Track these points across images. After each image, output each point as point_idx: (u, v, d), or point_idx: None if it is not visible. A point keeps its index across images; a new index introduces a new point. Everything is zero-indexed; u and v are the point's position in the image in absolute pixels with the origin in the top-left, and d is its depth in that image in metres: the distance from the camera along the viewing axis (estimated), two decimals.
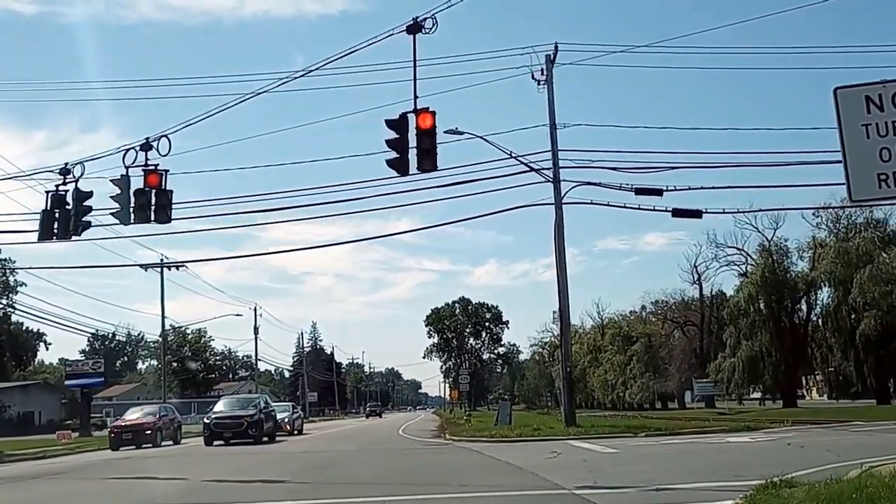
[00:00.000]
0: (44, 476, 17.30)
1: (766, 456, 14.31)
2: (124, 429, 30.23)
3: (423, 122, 13.80)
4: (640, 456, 15.92)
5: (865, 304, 47.35)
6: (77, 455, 27.25)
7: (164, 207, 16.96)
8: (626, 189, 24.61)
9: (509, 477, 13.02)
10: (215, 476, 15.03)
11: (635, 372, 74.09)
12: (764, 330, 54.51)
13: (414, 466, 16.25)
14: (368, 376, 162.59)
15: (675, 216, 24.89)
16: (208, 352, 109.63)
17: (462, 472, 14.53)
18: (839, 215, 52.19)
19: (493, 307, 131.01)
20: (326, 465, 16.99)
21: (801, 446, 15.32)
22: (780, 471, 10.56)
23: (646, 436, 22.13)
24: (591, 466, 13.36)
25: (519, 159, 24.51)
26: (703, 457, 14.90)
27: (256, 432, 29.21)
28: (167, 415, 33.15)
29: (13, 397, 68.69)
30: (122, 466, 19.08)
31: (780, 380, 55.40)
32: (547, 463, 14.72)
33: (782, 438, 18.14)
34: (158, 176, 16.76)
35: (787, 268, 55.90)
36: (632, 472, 12.34)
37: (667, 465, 13.54)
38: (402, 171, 14.37)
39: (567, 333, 27.91)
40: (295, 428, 38.51)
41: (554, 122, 25.79)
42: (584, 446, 18.74)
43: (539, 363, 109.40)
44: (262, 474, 14.95)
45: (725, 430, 22.62)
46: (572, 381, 29.29)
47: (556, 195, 25.63)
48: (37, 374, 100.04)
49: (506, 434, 24.95)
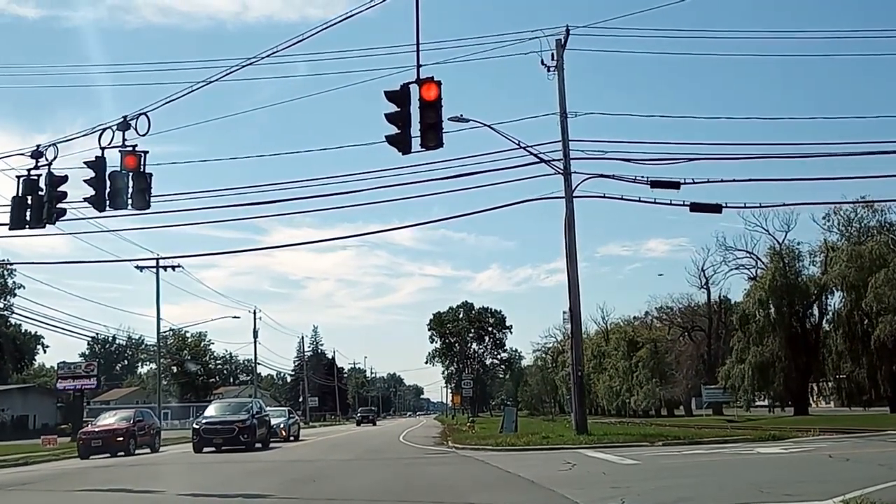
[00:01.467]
0: (6, 487, 15.79)
1: (810, 471, 12.80)
2: (94, 435, 27.84)
3: (428, 94, 12.31)
4: (664, 468, 14.42)
5: (880, 310, 45.96)
6: (56, 462, 25.73)
7: (142, 192, 15.53)
8: (641, 182, 23.17)
9: (522, 493, 11.56)
10: (194, 489, 13.57)
11: (641, 378, 72.66)
12: (774, 335, 53.15)
13: (414, 479, 14.74)
14: (370, 381, 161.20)
15: (693, 210, 23.39)
16: (208, 355, 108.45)
17: (468, 486, 13.03)
18: (851, 218, 51.04)
19: (497, 312, 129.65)
20: (319, 477, 15.49)
21: (845, 459, 13.81)
22: (839, 489, 9.11)
23: (664, 445, 20.64)
24: (614, 481, 11.86)
25: (528, 149, 23.08)
26: (737, 470, 13.38)
27: (249, 438, 27.72)
28: (143, 420, 30.79)
29: (10, 401, 67.55)
30: (96, 477, 17.58)
31: (790, 387, 53.98)
32: (562, 476, 13.23)
33: (818, 449, 16.62)
34: (137, 157, 15.34)
35: (798, 272, 54.56)
36: (662, 489, 10.85)
37: (700, 481, 12.03)
38: (403, 148, 12.86)
39: (579, 334, 26.38)
40: (291, 434, 37.06)
41: (565, 110, 24.32)
42: (600, 457, 17.24)
43: (542, 369, 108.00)
44: (247, 487, 13.47)
45: (750, 440, 21.07)
46: (583, 385, 27.74)
47: (567, 188, 24.17)
48: (36, 377, 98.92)
49: (512, 442, 23.47)
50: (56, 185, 16.46)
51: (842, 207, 49.39)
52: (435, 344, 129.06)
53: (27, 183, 16.56)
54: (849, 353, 50.20)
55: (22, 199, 16.58)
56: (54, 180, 16.40)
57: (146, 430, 30.49)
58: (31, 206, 16.52)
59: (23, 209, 16.61)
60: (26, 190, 16.56)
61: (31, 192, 16.54)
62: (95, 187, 15.46)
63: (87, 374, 52.34)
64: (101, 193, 15.45)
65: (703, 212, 23.71)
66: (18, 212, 16.61)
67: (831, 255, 51.28)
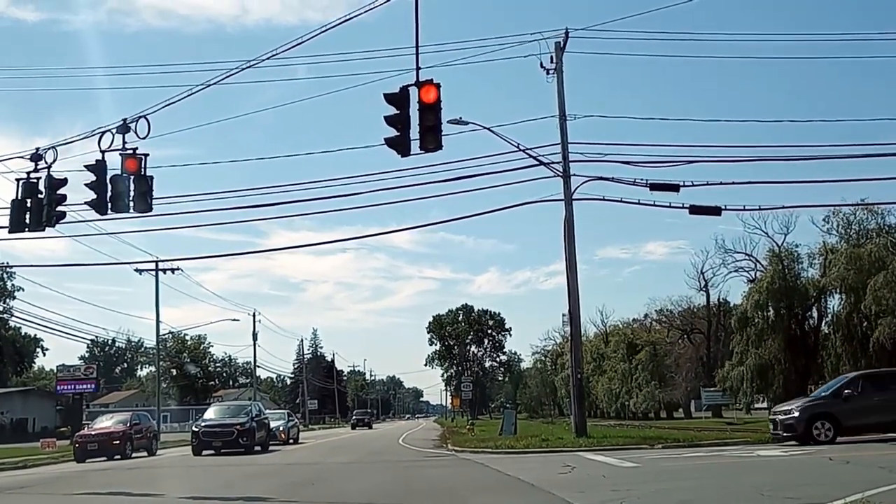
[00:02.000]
0: (5, 490, 15.77)
1: (810, 474, 12.79)
2: (90, 438, 27.79)
3: (427, 96, 12.31)
4: (664, 471, 14.39)
5: (879, 312, 45.90)
6: (55, 465, 25.69)
7: (143, 195, 15.50)
8: (641, 184, 23.15)
9: (522, 497, 11.54)
10: (193, 492, 13.57)
11: (640, 380, 72.57)
12: (773, 338, 52.98)
13: (414, 482, 14.72)
14: (369, 384, 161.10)
15: (692, 213, 23.35)
16: (208, 358, 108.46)
17: (467, 489, 13.02)
18: (850, 221, 50.99)
19: (496, 314, 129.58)
20: (318, 480, 15.48)
21: (846, 462, 13.79)
22: (839, 492, 9.12)
23: (663, 447, 20.63)
24: (614, 484, 11.84)
25: (527, 152, 23.08)
26: (738, 474, 13.36)
27: (248, 441, 27.72)
28: (140, 423, 30.64)
29: (9, 404, 67.47)
30: (95, 480, 17.56)
31: (790, 389, 53.82)
32: (562, 479, 13.21)
33: (818, 452, 16.60)
34: (137, 161, 15.31)
35: (797, 274, 54.37)
36: (663, 493, 10.85)
37: (700, 484, 12.02)
38: (402, 150, 12.85)
39: (578, 337, 26.35)
40: (290, 437, 37.04)
41: (564, 113, 24.31)
42: (600, 459, 17.22)
43: (541, 371, 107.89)
44: (246, 490, 13.47)
45: (749, 442, 21.05)
46: (583, 387, 27.71)
47: (566, 191, 24.16)
48: (36, 380, 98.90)
49: (512, 445, 23.46)
50: (55, 188, 16.42)
51: (841, 210, 49.27)
52: (434, 346, 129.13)
53: (26, 186, 16.52)
54: (848, 356, 50.07)
55: (21, 201, 16.54)
56: (54, 183, 16.36)
57: (143, 433, 30.38)
58: (30, 209, 16.47)
59: (22, 212, 16.57)
60: (26, 193, 16.51)
61: (30, 194, 16.49)
62: (96, 191, 15.44)
63: (86, 377, 52.46)
64: (103, 197, 15.43)
65: (703, 214, 23.64)
66: (18, 215, 16.57)
67: (830, 257, 51.17)
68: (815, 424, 19.38)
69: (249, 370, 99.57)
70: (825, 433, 19.21)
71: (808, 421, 19.48)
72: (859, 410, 19.49)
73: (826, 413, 19.58)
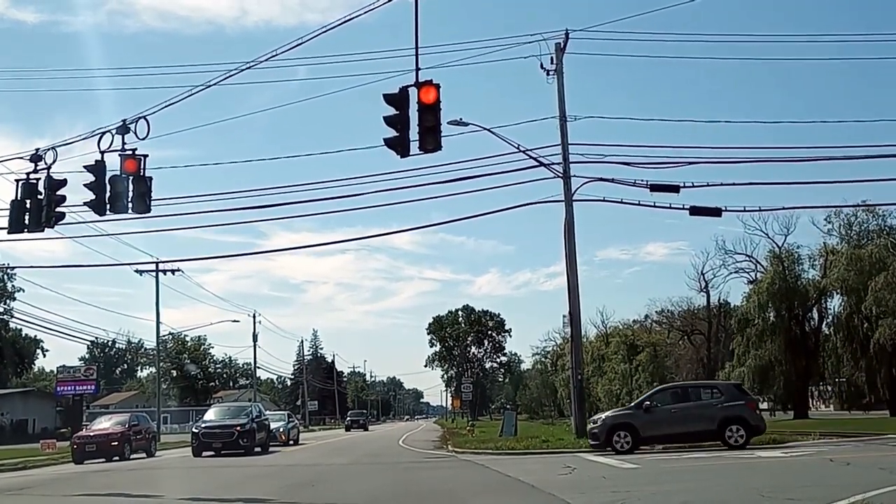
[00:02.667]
0: (5, 491, 15.75)
1: (811, 475, 12.74)
2: (88, 440, 27.63)
3: (426, 97, 12.29)
4: (664, 472, 14.37)
5: (880, 313, 45.87)
6: (55, 466, 25.64)
7: (142, 196, 15.44)
8: (641, 185, 23.13)
9: (523, 498, 11.52)
10: (193, 493, 13.53)
11: (641, 381, 72.43)
12: (774, 339, 52.99)
13: (414, 483, 14.70)
14: (370, 385, 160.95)
15: (692, 214, 23.35)
16: (208, 359, 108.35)
17: (468, 491, 12.99)
18: (851, 222, 50.96)
19: (496, 315, 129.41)
20: (318, 481, 15.45)
21: (846, 463, 13.77)
22: (840, 493, 9.09)
23: (663, 449, 20.56)
24: (614, 485, 11.82)
25: (527, 153, 23.06)
26: (738, 475, 13.32)
27: (248, 443, 27.69)
28: (139, 424, 30.48)
29: (10, 405, 67.44)
30: (94, 481, 17.54)
31: (790, 390, 53.86)
32: (562, 480, 13.19)
33: (819, 454, 16.57)
34: (136, 161, 15.25)
35: (797, 275, 54.39)
36: (662, 494, 10.82)
37: (700, 485, 11.99)
38: (401, 151, 12.81)
39: (578, 338, 26.32)
40: (290, 438, 36.97)
41: (564, 114, 24.29)
42: (600, 460, 17.21)
43: (542, 372, 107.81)
44: (246, 491, 13.46)
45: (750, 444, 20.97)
46: (584, 388, 27.69)
47: (567, 192, 24.14)
48: (36, 381, 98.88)
49: (512, 446, 23.43)
50: (55, 189, 16.37)
51: (842, 211, 49.30)
52: (434, 348, 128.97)
53: (26, 187, 16.46)
54: (848, 357, 50.09)
55: (21, 202, 16.49)
56: (53, 184, 16.30)
57: (142, 434, 30.29)
58: (30, 210, 16.43)
59: (22, 213, 16.50)
60: (25, 194, 16.45)
61: (30, 195, 16.43)
62: (96, 191, 15.39)
63: (86, 378, 52.34)
64: (102, 197, 15.38)
65: (703, 215, 23.62)
66: (17, 215, 16.52)
67: (831, 258, 51.17)
68: (616, 434, 20.03)
69: (249, 371, 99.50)
70: (624, 443, 19.89)
71: (609, 431, 20.18)
72: (657, 422, 20.18)
73: (626, 424, 20.31)
